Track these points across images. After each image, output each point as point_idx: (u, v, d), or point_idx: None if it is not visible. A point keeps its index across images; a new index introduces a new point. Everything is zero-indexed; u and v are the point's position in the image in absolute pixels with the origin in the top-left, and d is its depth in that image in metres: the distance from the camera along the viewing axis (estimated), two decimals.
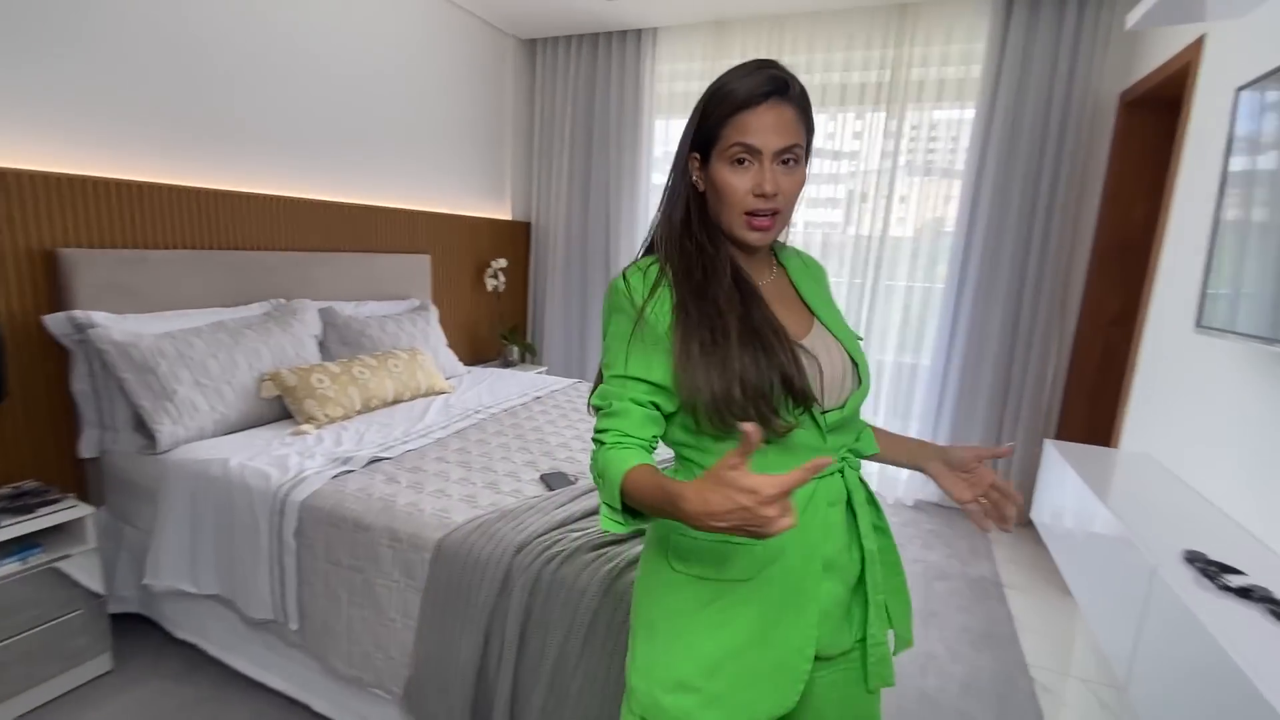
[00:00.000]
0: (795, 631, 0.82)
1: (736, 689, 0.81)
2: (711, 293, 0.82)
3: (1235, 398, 1.65)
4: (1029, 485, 3.04)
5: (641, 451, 0.79)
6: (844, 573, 0.87)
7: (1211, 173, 1.82)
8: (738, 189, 0.81)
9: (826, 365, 0.85)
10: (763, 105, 0.79)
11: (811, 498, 0.83)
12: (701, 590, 0.82)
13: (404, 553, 1.46)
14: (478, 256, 3.62)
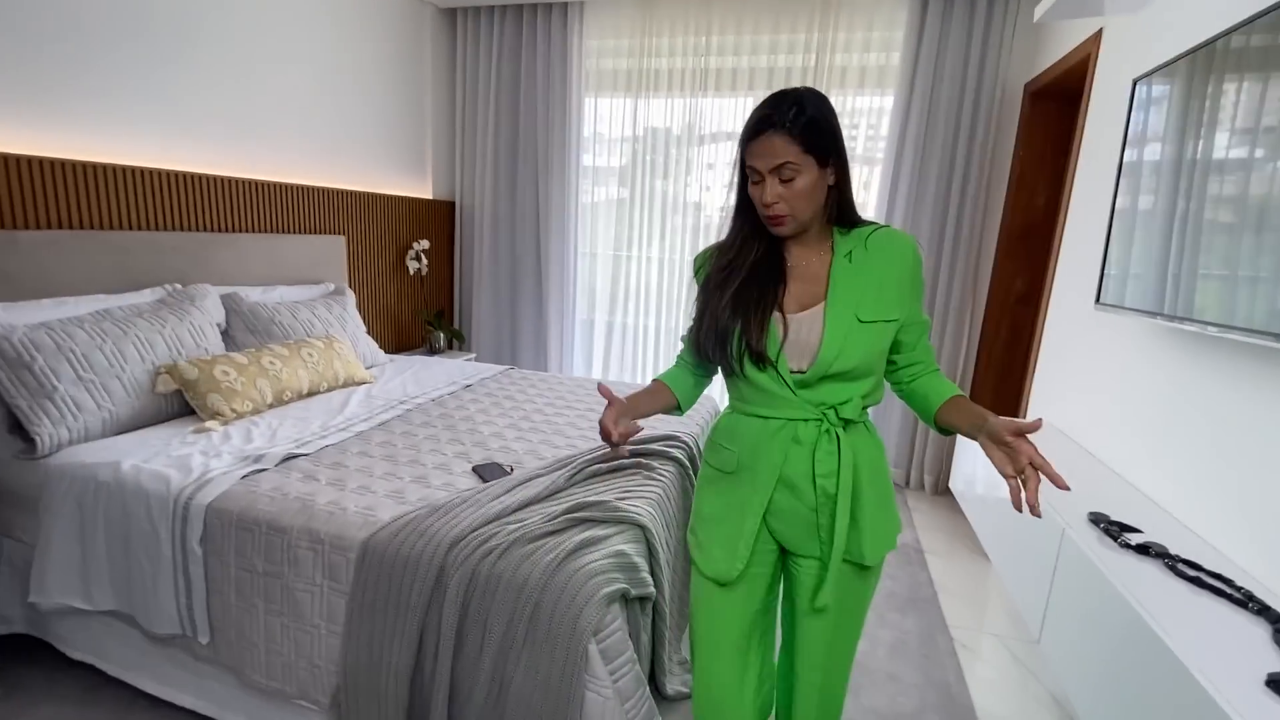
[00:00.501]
0: (746, 517, 1.11)
1: (709, 544, 1.15)
2: (729, 265, 1.11)
3: (1128, 368, 1.79)
4: (947, 457, 3.23)
5: (683, 370, 1.22)
6: (804, 495, 1.08)
7: (1109, 161, 1.95)
8: (757, 199, 1.06)
9: (793, 335, 1.07)
10: (759, 138, 1.02)
11: (778, 432, 1.08)
12: (710, 473, 1.19)
13: (326, 555, 1.37)
14: (398, 238, 3.44)
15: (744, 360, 1.07)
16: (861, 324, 1.05)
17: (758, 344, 1.05)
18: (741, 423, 1.12)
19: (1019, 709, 1.79)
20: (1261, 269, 1.19)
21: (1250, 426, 1.30)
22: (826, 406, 1.07)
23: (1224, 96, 1.36)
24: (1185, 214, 1.45)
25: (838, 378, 1.06)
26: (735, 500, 1.12)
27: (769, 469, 1.08)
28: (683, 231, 3.62)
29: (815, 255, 1.11)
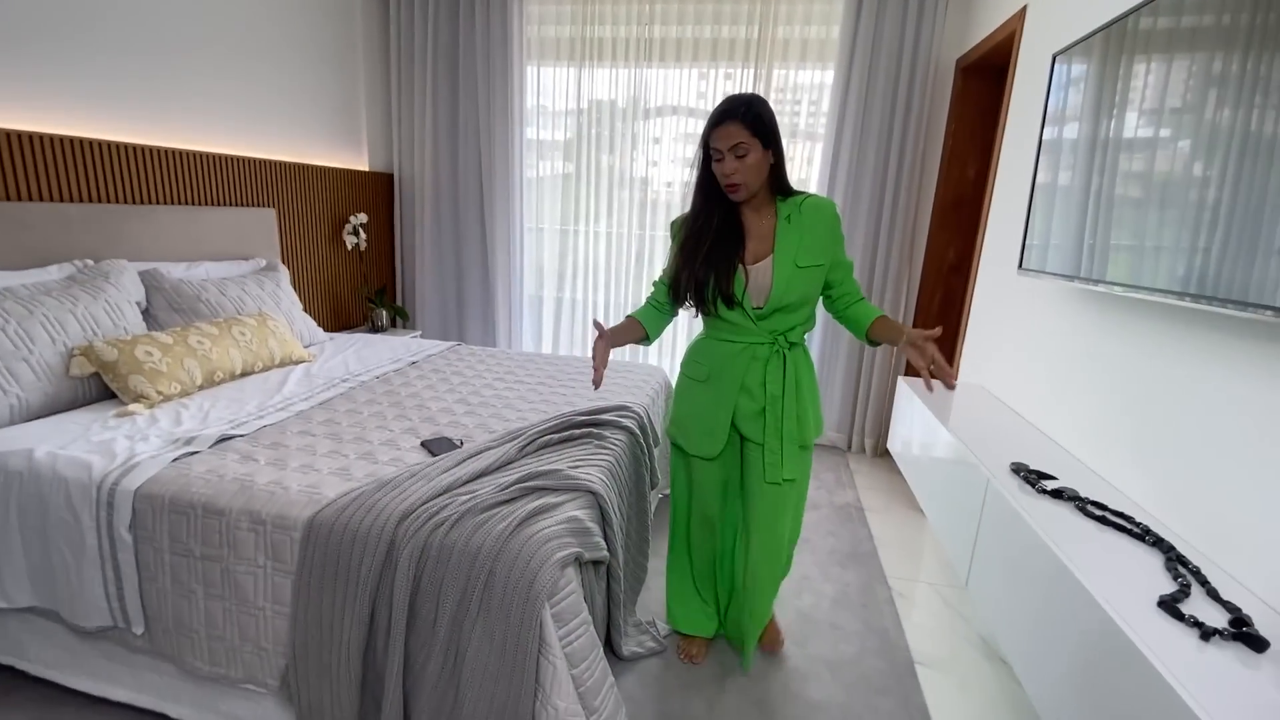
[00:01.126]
0: (720, 413, 1.56)
1: (692, 433, 1.61)
2: (700, 229, 1.48)
3: (1046, 329, 1.91)
4: (885, 421, 3.38)
5: (651, 309, 1.62)
6: (756, 397, 1.52)
7: (1031, 135, 2.05)
8: (719, 173, 1.42)
9: (753, 281, 1.46)
10: (721, 125, 1.38)
11: (740, 353, 1.51)
12: (687, 382, 1.63)
13: (269, 535, 1.33)
14: (333, 211, 3.29)
15: (717, 302, 1.47)
16: (799, 269, 1.44)
17: (728, 290, 1.45)
18: (713, 346, 1.56)
19: (950, 649, 1.92)
20: (1164, 239, 1.29)
21: (1148, 378, 1.42)
22: (777, 333, 1.50)
23: (1134, 77, 1.45)
24: (1099, 188, 1.55)
25: (784, 310, 1.47)
26: (710, 401, 1.56)
27: (733, 379, 1.52)
28: (629, 207, 3.60)
29: (763, 219, 1.49)
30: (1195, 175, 1.21)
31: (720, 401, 1.54)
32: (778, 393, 1.49)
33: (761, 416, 1.51)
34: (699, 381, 1.58)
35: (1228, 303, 1.08)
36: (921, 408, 2.16)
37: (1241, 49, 1.12)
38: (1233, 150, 1.11)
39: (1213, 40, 1.20)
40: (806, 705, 1.66)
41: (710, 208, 1.46)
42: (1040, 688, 1.21)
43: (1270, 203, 1.02)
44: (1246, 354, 1.15)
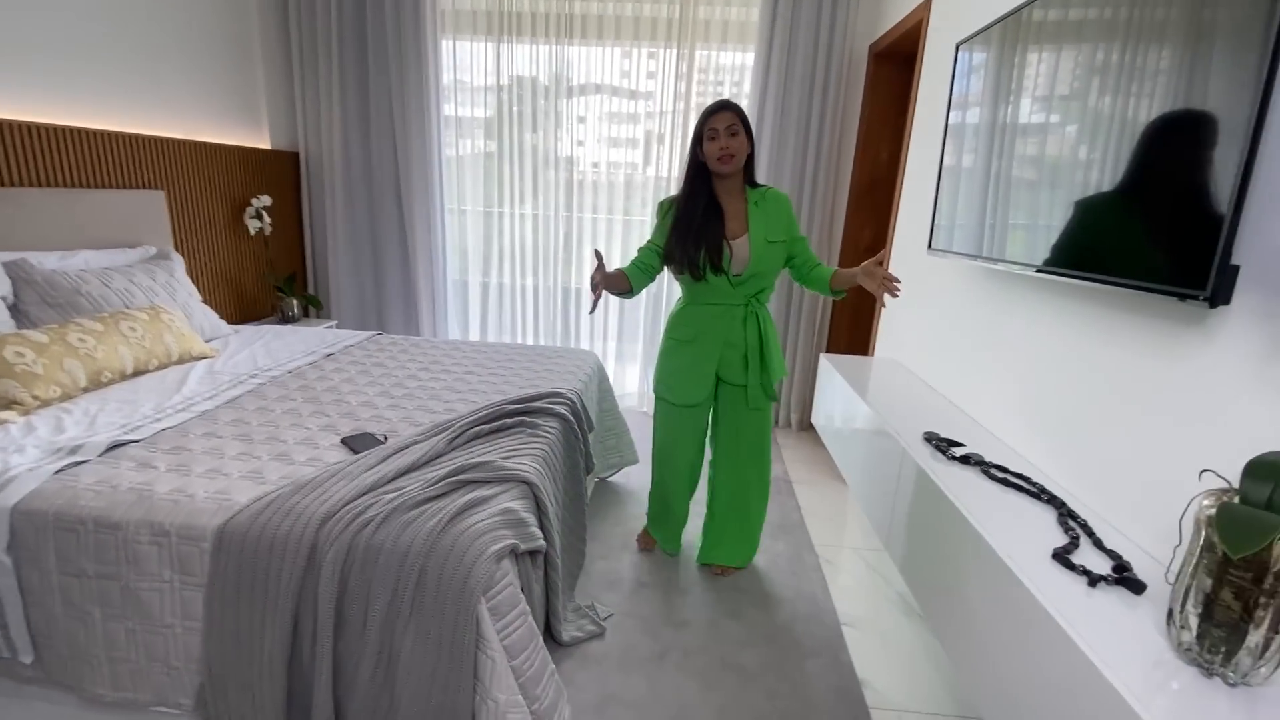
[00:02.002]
0: (706, 366, 1.92)
1: (681, 385, 1.96)
2: (690, 210, 1.81)
3: (952, 306, 2.04)
4: (809, 396, 3.52)
5: (636, 267, 1.90)
6: (738, 347, 1.90)
7: (938, 121, 2.16)
8: (713, 150, 1.76)
9: (736, 253, 1.81)
10: (720, 113, 1.75)
11: (723, 314, 1.88)
12: (674, 344, 1.96)
13: (174, 547, 1.24)
14: (232, 193, 3.05)
15: (707, 269, 1.80)
16: (768, 244, 1.82)
17: (717, 260, 1.79)
18: (698, 310, 1.90)
19: (873, 609, 2.04)
20: (1054, 219, 1.39)
21: (1040, 350, 1.54)
22: (750, 295, 1.88)
23: (1027, 66, 1.55)
24: (997, 171, 1.65)
25: (757, 277, 1.84)
26: (697, 356, 1.92)
27: (718, 336, 1.90)
28: (556, 187, 3.54)
29: (738, 203, 1.85)
30: (1080, 158, 1.31)
31: (707, 355, 1.91)
32: (755, 344, 1.89)
33: (744, 362, 1.90)
34: (686, 342, 1.92)
35: (1095, 277, 1.18)
36: (843, 383, 2.25)
37: (1121, 40, 1.21)
38: (1112, 134, 1.21)
39: (1096, 31, 1.29)
40: (743, 674, 1.72)
41: (699, 192, 1.80)
42: (952, 638, 1.30)
43: (1141, 183, 1.12)
44: (1118, 325, 1.26)
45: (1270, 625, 0.78)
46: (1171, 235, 1.03)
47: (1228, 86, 0.94)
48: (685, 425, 2.01)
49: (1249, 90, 0.89)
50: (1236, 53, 0.93)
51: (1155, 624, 0.95)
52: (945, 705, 1.65)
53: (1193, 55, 1.02)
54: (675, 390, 1.96)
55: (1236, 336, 0.98)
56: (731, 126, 1.73)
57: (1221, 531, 0.74)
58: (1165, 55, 1.09)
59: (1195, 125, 1.01)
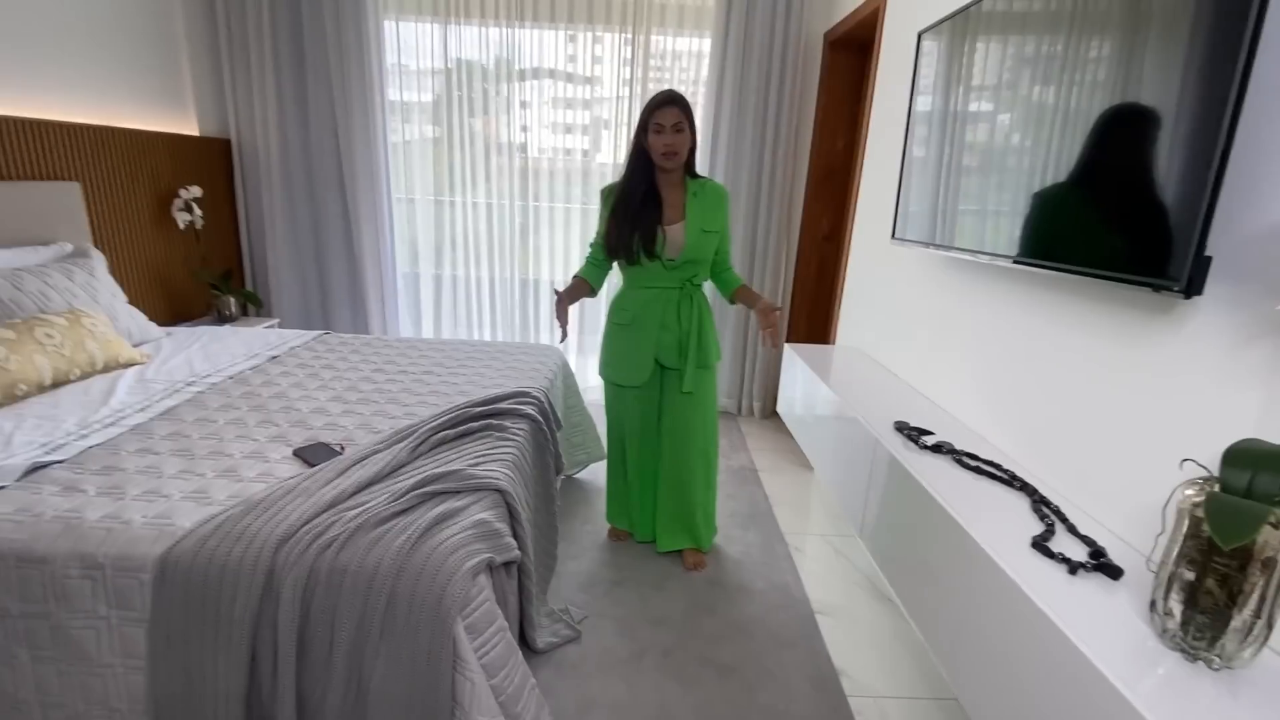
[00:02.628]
0: (645, 348, 1.94)
1: (621, 368, 1.98)
2: (629, 197, 1.84)
3: (917, 294, 2.06)
4: (772, 385, 3.54)
5: (592, 266, 1.99)
6: (673, 331, 1.93)
7: (899, 109, 2.17)
8: (657, 144, 1.78)
9: (671, 239, 1.85)
10: (666, 107, 1.75)
11: (658, 297, 1.91)
12: (614, 328, 1.99)
13: (110, 581, 1.12)
14: (157, 183, 2.82)
15: (641, 255, 1.84)
16: (703, 233, 1.87)
17: (650, 245, 1.83)
18: (636, 294, 1.93)
19: (843, 595, 2.06)
20: (1026, 210, 1.40)
21: (1011, 338, 1.57)
22: (685, 279, 1.92)
23: (989, 55, 1.55)
24: (966, 162, 1.66)
25: (691, 264, 1.89)
26: (636, 340, 1.94)
27: (655, 318, 1.92)
28: (509, 175, 3.42)
29: (677, 193, 1.89)
30: (1053, 150, 1.32)
31: (645, 338, 1.93)
32: (689, 327, 1.92)
33: (679, 345, 1.93)
34: (625, 325, 1.95)
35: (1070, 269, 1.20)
36: (809, 372, 2.26)
37: (1095, 30, 1.22)
38: (1084, 126, 1.22)
39: (1066, 18, 1.30)
40: (721, 669, 1.71)
41: (639, 180, 1.83)
42: (928, 623, 1.32)
43: (1115, 175, 1.14)
44: (1088, 314, 1.29)
45: (1254, 610, 0.80)
46: (1148, 228, 1.05)
47: (1207, 83, 0.95)
48: (632, 404, 2.03)
49: (1226, 86, 0.90)
50: (1214, 47, 0.94)
51: (1135, 609, 0.98)
52: (920, 689, 1.68)
53: (1170, 49, 1.03)
54: (618, 372, 1.98)
55: (1208, 326, 1.00)
56: (678, 124, 1.75)
57: (1213, 523, 0.75)
58: (1149, 49, 1.10)
59: (1165, 119, 1.02)
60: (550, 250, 3.56)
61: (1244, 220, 0.94)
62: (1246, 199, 0.94)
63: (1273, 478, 0.80)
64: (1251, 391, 0.93)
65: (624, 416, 2.06)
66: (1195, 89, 0.96)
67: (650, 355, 1.93)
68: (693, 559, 2.13)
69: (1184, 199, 0.97)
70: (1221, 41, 0.91)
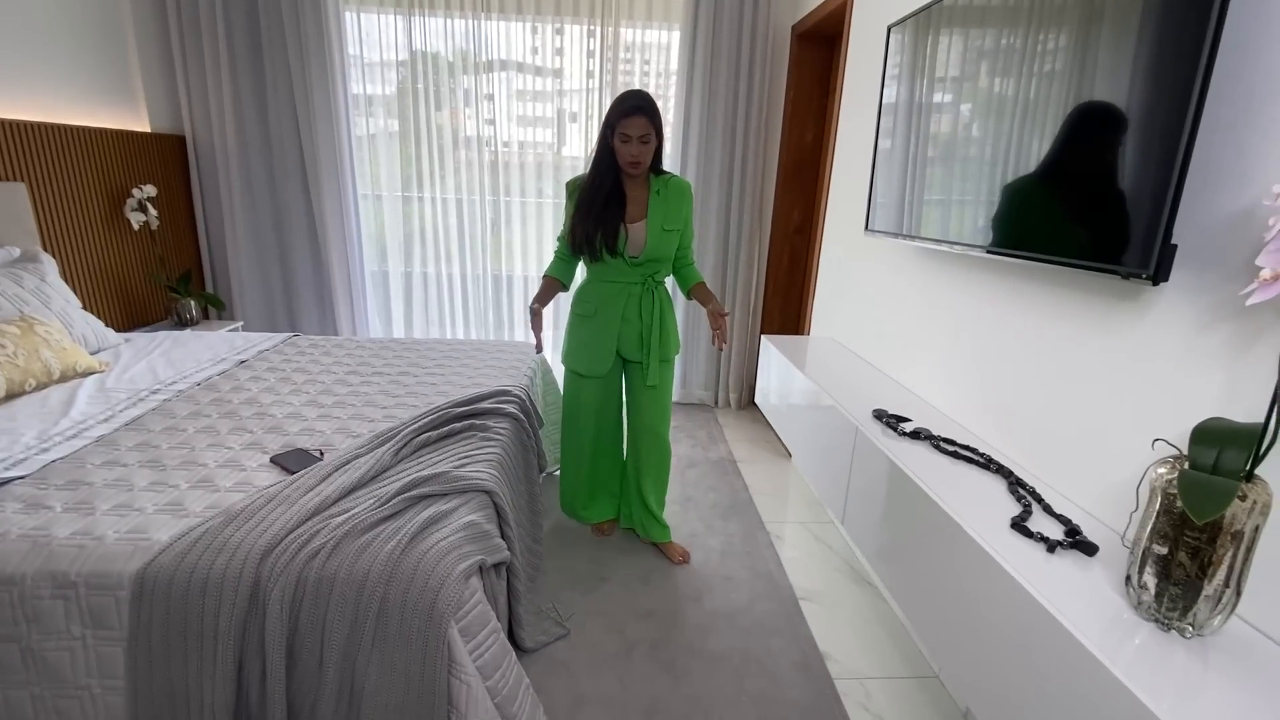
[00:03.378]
0: (607, 340, 1.97)
1: (584, 358, 1.99)
2: (594, 194, 1.84)
3: (891, 284, 2.10)
4: (749, 376, 3.57)
5: (561, 261, 2.00)
6: (634, 325, 1.97)
7: (870, 101, 2.20)
8: (624, 153, 1.78)
9: (633, 237, 1.87)
10: (634, 116, 1.74)
11: (620, 291, 1.93)
12: (577, 319, 2.00)
13: (84, 600, 1.08)
14: (109, 183, 2.70)
15: (603, 251, 1.85)
16: (665, 231, 1.89)
17: (612, 243, 1.84)
18: (599, 287, 1.95)
19: (824, 580, 2.11)
20: (998, 201, 1.44)
21: (984, 326, 1.61)
22: (647, 275, 1.94)
23: (953, 48, 1.59)
24: (919, 152, 1.69)
25: (653, 261, 1.91)
26: (598, 330, 1.96)
27: (616, 312, 1.95)
28: (480, 169, 3.37)
29: (641, 191, 1.89)
30: (1022, 142, 1.36)
31: (606, 330, 1.96)
32: (650, 321, 1.95)
33: (640, 339, 1.97)
34: (588, 317, 1.97)
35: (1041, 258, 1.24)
36: (787, 364, 2.29)
37: (1065, 22, 1.26)
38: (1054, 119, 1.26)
39: (1015, 14, 1.33)
40: (709, 659, 1.73)
41: (604, 177, 1.83)
42: (912, 605, 1.35)
43: (1083, 167, 1.18)
44: (1059, 301, 1.33)
45: (1223, 579, 0.84)
46: (1115, 218, 1.09)
47: (1171, 75, 0.99)
48: (594, 392, 2.06)
49: (1189, 78, 0.94)
50: (1179, 42, 0.98)
51: (1110, 583, 1.02)
52: (901, 669, 1.73)
53: (1132, 42, 1.07)
54: (580, 361, 2.01)
55: (1174, 310, 1.05)
56: (645, 136, 1.76)
57: (1185, 499, 0.79)
58: (1110, 43, 1.13)
59: (1131, 111, 1.06)
60: (522, 244, 3.52)
61: (1207, 209, 0.99)
62: (1210, 188, 0.98)
63: (1237, 454, 0.84)
64: (1216, 372, 0.98)
65: (586, 400, 2.09)
66: (1159, 82, 1.00)
67: (612, 347, 1.97)
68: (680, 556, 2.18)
69: (1150, 189, 1.01)
70: (1186, 34, 0.95)
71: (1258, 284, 0.80)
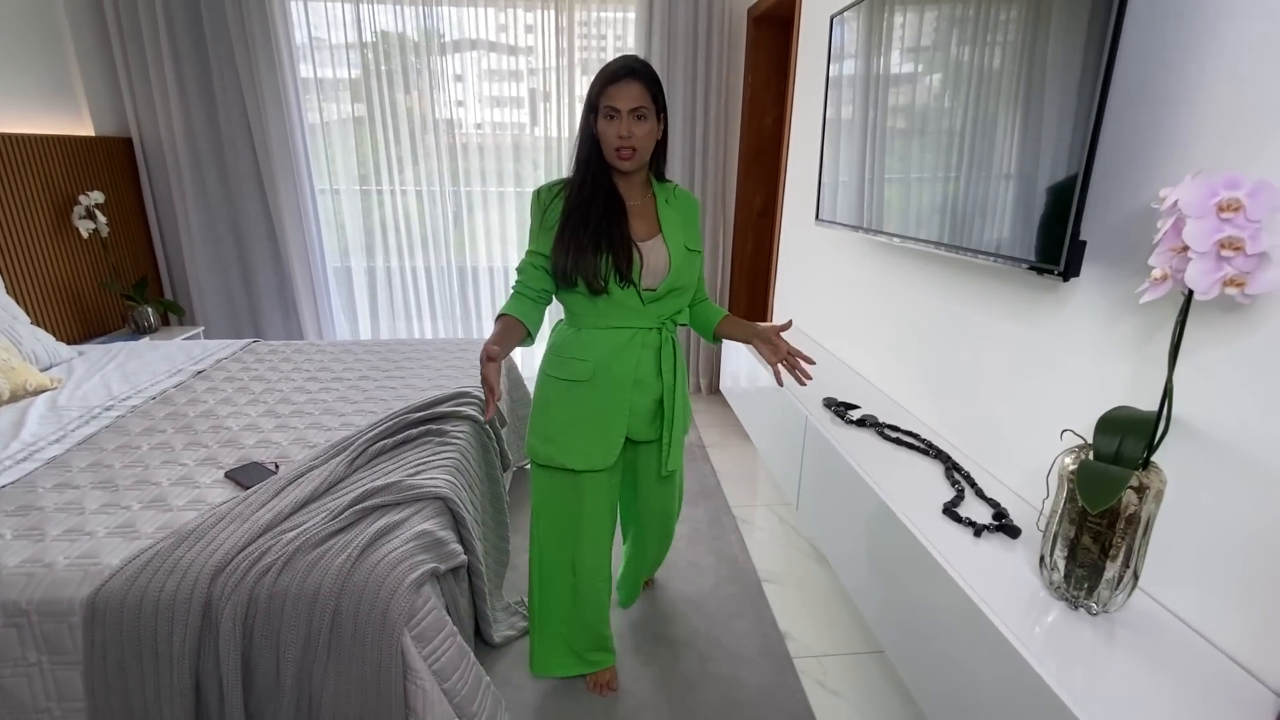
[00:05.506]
0: (615, 415, 1.38)
1: (578, 444, 1.38)
2: (585, 202, 1.30)
3: (842, 272, 2.14)
4: (716, 360, 3.61)
5: (527, 300, 1.35)
6: (650, 389, 1.41)
7: (817, 91, 2.21)
8: (609, 134, 1.26)
9: (649, 260, 1.33)
10: (621, 81, 1.23)
11: (630, 340, 1.36)
12: (561, 387, 1.38)
13: (36, 628, 1.09)
14: (52, 190, 2.63)
15: (610, 279, 1.29)
16: (689, 252, 1.38)
17: (626, 267, 1.30)
18: (595, 336, 1.35)
19: (788, 561, 2.17)
20: (925, 196, 1.47)
21: (922, 313, 1.65)
22: (665, 317, 1.40)
23: (895, 41, 1.60)
24: (864, 144, 1.72)
25: (673, 293, 1.37)
26: (597, 402, 1.37)
27: (627, 372, 1.37)
28: (438, 155, 3.31)
29: (642, 197, 1.38)
30: (944, 137, 1.39)
31: (612, 400, 1.36)
32: (672, 381, 1.40)
33: (657, 408, 1.42)
34: (580, 382, 1.35)
35: (960, 249, 1.28)
36: (746, 352, 2.33)
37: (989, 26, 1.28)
38: (937, 115, 1.29)
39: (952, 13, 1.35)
40: (674, 644, 1.79)
41: (596, 178, 1.31)
42: (859, 587, 1.41)
43: (997, 164, 1.21)
44: (989, 292, 1.37)
45: (1123, 561, 0.90)
46: (1028, 215, 1.12)
47: (1077, 74, 1.02)
48: (592, 498, 1.43)
49: (1093, 78, 0.97)
50: (1082, 47, 1.00)
51: (1029, 564, 1.08)
52: (857, 644, 1.80)
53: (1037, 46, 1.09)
54: (572, 450, 1.38)
55: (1086, 304, 1.09)
56: (638, 109, 1.23)
57: (1081, 490, 0.84)
58: (1021, 51, 1.16)
59: (1040, 110, 1.09)
60: (486, 234, 3.50)
61: (1116, 205, 1.02)
62: (1118, 185, 1.02)
63: (1136, 442, 0.89)
64: (1124, 363, 1.03)
65: (569, 520, 1.44)
66: (1065, 80, 1.03)
67: (622, 424, 1.39)
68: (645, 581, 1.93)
69: (1058, 187, 1.04)
70: (1088, 38, 0.98)
71: (1149, 284, 0.83)
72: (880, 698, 1.62)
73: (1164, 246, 0.82)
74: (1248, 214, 0.73)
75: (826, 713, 1.58)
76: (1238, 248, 0.74)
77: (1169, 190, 0.79)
